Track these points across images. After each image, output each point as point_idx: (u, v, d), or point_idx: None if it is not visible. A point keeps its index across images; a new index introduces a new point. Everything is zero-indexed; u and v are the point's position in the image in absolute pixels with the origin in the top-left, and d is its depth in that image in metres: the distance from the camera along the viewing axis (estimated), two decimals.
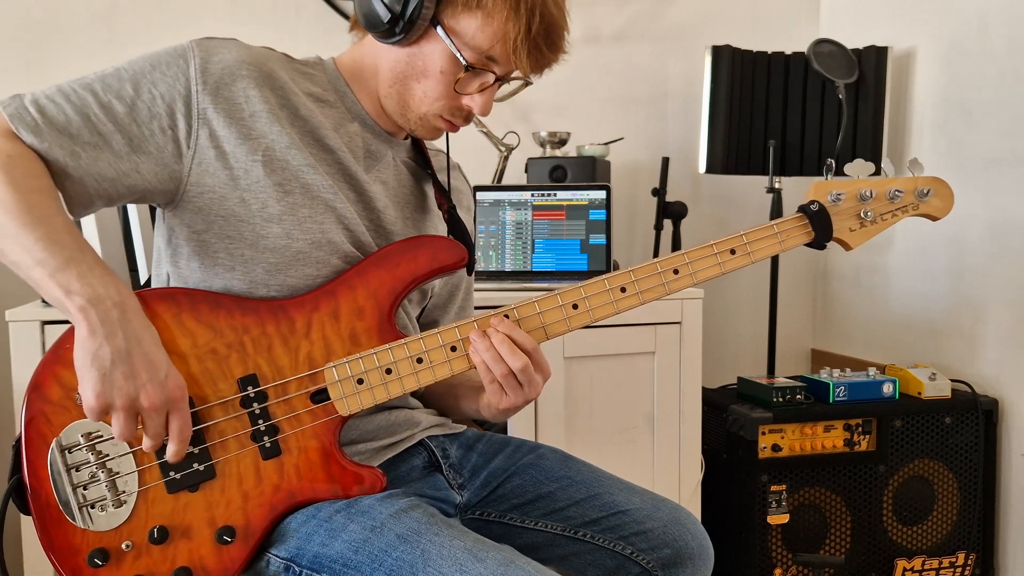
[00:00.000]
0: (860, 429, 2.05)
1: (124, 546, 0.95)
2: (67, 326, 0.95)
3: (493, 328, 1.02)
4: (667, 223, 2.35)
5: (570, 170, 2.15)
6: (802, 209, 1.13)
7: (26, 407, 0.96)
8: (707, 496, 1.98)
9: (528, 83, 1.12)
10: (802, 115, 2.34)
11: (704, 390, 2.04)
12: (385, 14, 1.00)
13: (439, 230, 1.20)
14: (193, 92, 0.98)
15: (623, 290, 1.07)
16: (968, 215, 2.19)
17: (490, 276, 1.99)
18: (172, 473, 0.96)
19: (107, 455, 0.96)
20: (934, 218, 1.17)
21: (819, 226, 1.12)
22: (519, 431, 1.79)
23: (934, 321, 2.31)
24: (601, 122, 2.51)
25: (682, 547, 1.12)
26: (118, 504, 0.95)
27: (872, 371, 2.12)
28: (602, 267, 2.00)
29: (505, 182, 2.27)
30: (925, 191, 1.14)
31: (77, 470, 0.95)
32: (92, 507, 0.95)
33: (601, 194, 1.99)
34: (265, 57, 1.04)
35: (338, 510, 0.97)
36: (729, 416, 2.04)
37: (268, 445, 0.99)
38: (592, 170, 2.15)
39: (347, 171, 1.07)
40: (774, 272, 2.43)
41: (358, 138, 1.10)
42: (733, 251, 1.09)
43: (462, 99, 1.05)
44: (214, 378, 0.99)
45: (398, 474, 1.13)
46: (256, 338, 1.00)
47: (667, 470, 1.91)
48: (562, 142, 2.27)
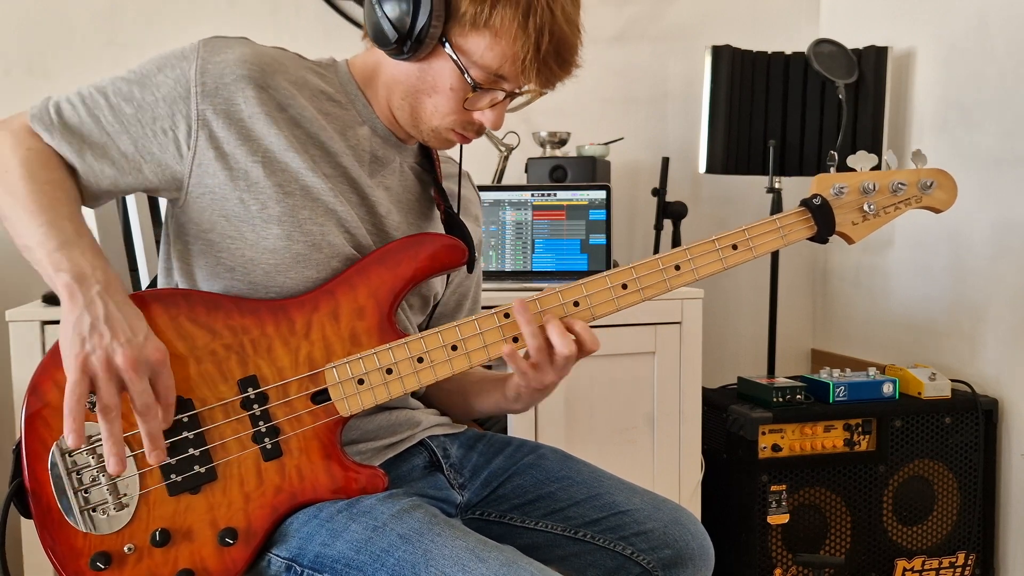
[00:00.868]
0: (860, 429, 2.05)
1: (126, 549, 0.95)
2: None
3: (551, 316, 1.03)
4: (667, 223, 2.35)
5: (570, 170, 2.15)
6: (804, 203, 1.12)
7: (25, 410, 0.96)
8: (707, 496, 1.98)
9: (542, 94, 1.09)
10: (802, 115, 2.34)
11: (704, 390, 2.04)
12: (392, 34, 0.99)
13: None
14: (192, 94, 0.99)
15: (624, 287, 1.06)
16: (968, 215, 2.19)
17: (490, 276, 1.99)
18: (173, 475, 0.96)
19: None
20: (937, 210, 1.15)
21: (821, 220, 1.11)
22: (519, 431, 1.79)
23: (934, 321, 2.31)
24: (601, 122, 2.51)
25: (683, 548, 1.12)
26: (119, 507, 0.95)
27: (872, 371, 2.12)
28: (602, 267, 2.00)
29: (505, 182, 2.27)
30: (929, 183, 1.13)
31: (78, 473, 0.95)
32: (94, 510, 0.95)
33: (601, 194, 1.99)
34: (271, 57, 1.04)
35: (340, 510, 0.97)
36: (729, 416, 2.04)
37: (269, 446, 0.99)
38: (592, 170, 2.15)
39: (349, 175, 1.07)
40: (774, 272, 2.43)
41: (366, 142, 1.10)
42: (735, 246, 1.08)
43: (473, 114, 1.05)
44: (214, 380, 0.98)
45: (399, 474, 1.12)
46: (256, 339, 1.00)
47: (667, 470, 1.91)
48: (562, 142, 2.28)
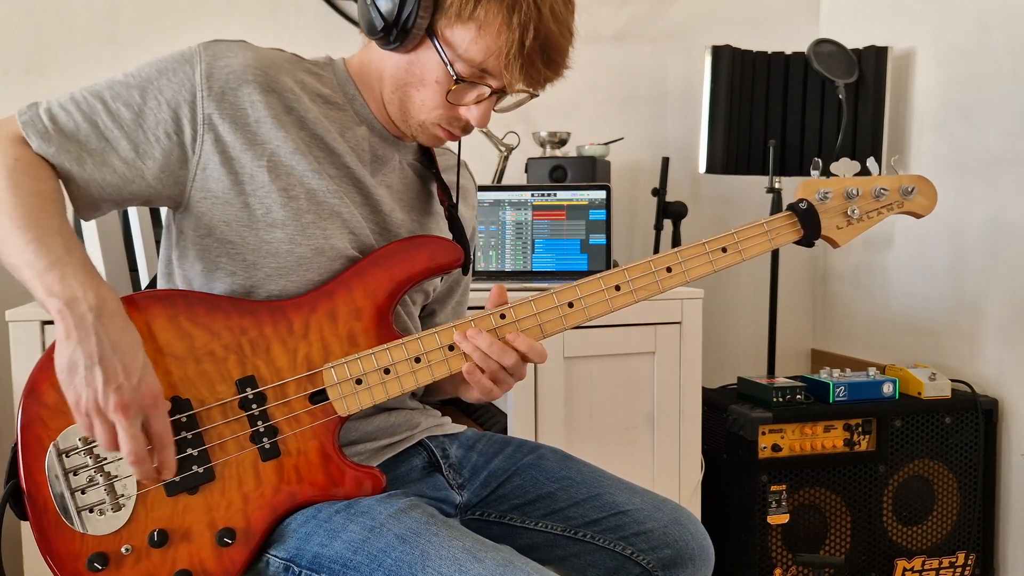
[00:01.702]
0: (860, 429, 2.05)
1: (124, 550, 0.94)
2: None
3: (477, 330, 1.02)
4: (667, 223, 2.35)
5: (570, 170, 2.15)
6: (791, 207, 1.14)
7: (22, 412, 0.95)
8: (707, 496, 1.98)
9: (534, 95, 1.08)
10: (802, 115, 2.34)
11: (704, 390, 2.04)
12: (380, 22, 0.99)
13: (445, 231, 1.20)
14: (198, 98, 0.98)
15: (617, 288, 1.08)
16: (968, 215, 2.19)
17: (490, 276, 1.99)
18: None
19: (105, 459, 0.95)
20: (918, 215, 1.18)
21: (808, 224, 1.13)
22: (519, 431, 1.79)
23: (934, 321, 2.31)
24: (601, 122, 2.51)
25: (682, 547, 1.12)
26: (117, 508, 0.95)
27: (872, 371, 2.12)
28: (602, 267, 1.99)
29: (505, 182, 2.27)
30: (909, 189, 1.16)
31: (75, 474, 0.95)
32: (91, 511, 0.95)
33: (601, 194, 1.99)
34: (272, 60, 1.04)
35: (338, 511, 0.97)
36: (729, 416, 2.04)
37: (267, 447, 0.99)
38: (592, 170, 2.15)
39: (353, 175, 1.07)
40: (774, 272, 2.43)
41: (365, 142, 1.10)
42: (724, 249, 1.11)
43: (459, 109, 1.05)
44: (212, 380, 0.98)
45: (398, 474, 1.13)
46: (254, 340, 1.00)
47: (667, 470, 1.91)
48: (562, 142, 2.28)
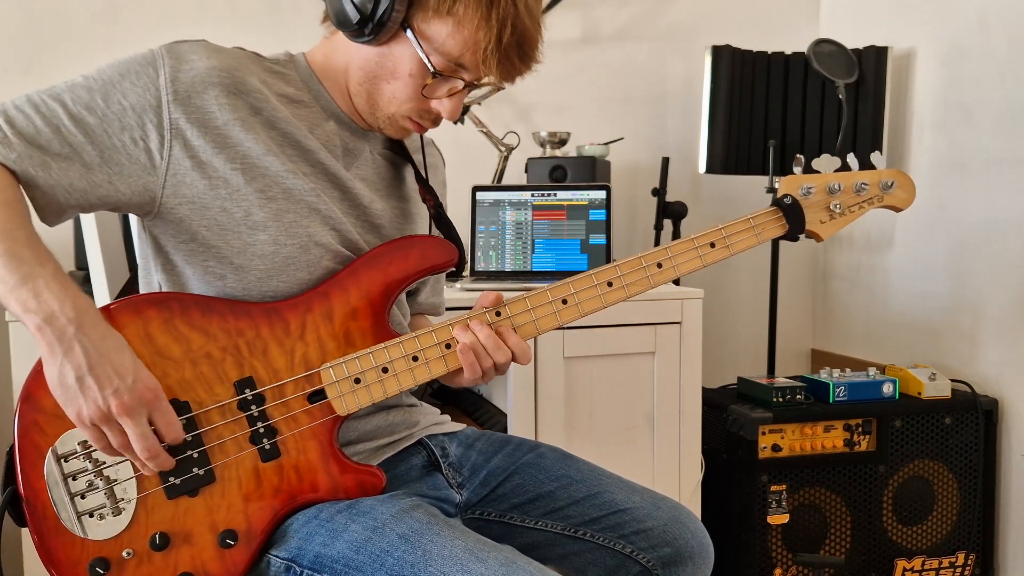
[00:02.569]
0: (860, 429, 2.05)
1: (125, 554, 0.94)
2: None
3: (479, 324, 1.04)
4: (667, 223, 2.35)
5: (570, 170, 2.15)
6: (776, 202, 1.17)
7: (18, 418, 0.94)
8: (707, 496, 1.98)
9: (500, 88, 1.10)
10: (802, 115, 2.34)
11: (704, 390, 2.04)
12: (355, 15, 0.99)
13: (424, 217, 1.21)
14: (164, 103, 0.97)
15: (609, 284, 1.09)
16: (968, 215, 2.19)
17: (490, 276, 1.99)
18: (171, 479, 0.96)
19: (104, 462, 0.95)
20: (898, 209, 1.21)
21: (792, 218, 1.16)
22: (519, 431, 1.79)
23: (934, 321, 2.31)
24: (601, 122, 2.51)
25: (682, 545, 1.12)
26: (117, 512, 0.94)
27: (872, 371, 2.12)
28: None
29: (505, 182, 2.27)
30: (889, 183, 1.19)
31: (74, 479, 0.94)
32: (91, 516, 0.94)
33: (601, 194, 1.99)
34: (236, 60, 1.03)
35: (339, 511, 0.97)
36: (729, 416, 2.04)
37: (267, 447, 0.99)
38: (592, 170, 2.15)
39: (328, 171, 1.07)
40: (774, 272, 2.43)
41: (335, 136, 1.10)
42: (713, 244, 1.13)
43: (430, 102, 1.05)
44: (210, 382, 0.98)
45: (397, 473, 1.13)
46: (251, 341, 1.00)
47: (667, 470, 1.91)
48: (562, 142, 2.27)
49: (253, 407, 0.99)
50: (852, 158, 1.19)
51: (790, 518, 2.01)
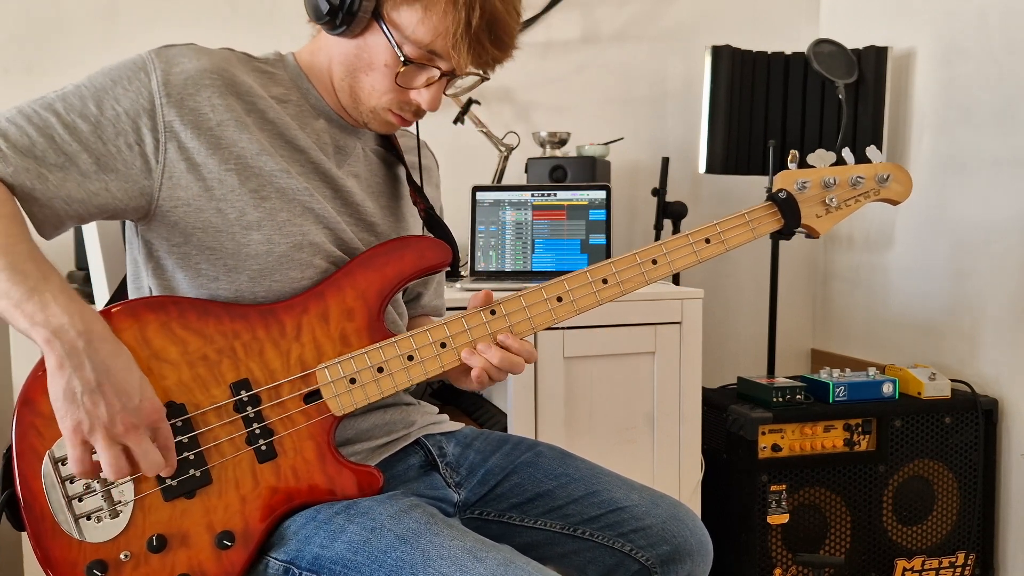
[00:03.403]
0: (860, 429, 2.05)
1: (122, 556, 0.94)
2: None
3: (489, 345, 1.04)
4: (667, 223, 2.35)
5: (570, 170, 2.15)
6: (771, 197, 1.16)
7: (16, 421, 0.94)
8: (707, 496, 1.98)
9: (485, 78, 1.09)
10: (802, 115, 2.34)
11: (704, 390, 2.04)
12: (325, 5, 0.99)
13: (416, 215, 1.21)
14: (157, 106, 0.97)
15: (604, 281, 1.09)
16: (968, 215, 2.19)
17: (490, 276, 1.99)
18: (168, 480, 0.96)
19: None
20: (894, 202, 1.20)
21: (788, 213, 1.15)
22: (519, 430, 1.79)
23: (934, 321, 2.31)
24: (601, 122, 2.51)
25: (681, 543, 1.12)
26: (114, 514, 0.94)
27: (872, 371, 2.12)
28: None
29: (505, 182, 2.27)
30: (885, 176, 1.18)
31: (72, 482, 0.94)
32: (88, 518, 0.94)
33: (601, 194, 1.99)
34: (226, 62, 1.03)
35: (337, 512, 0.97)
36: (729, 416, 2.04)
37: (264, 448, 0.99)
38: (592, 170, 2.15)
39: (320, 169, 1.07)
40: (774, 272, 2.43)
41: (325, 135, 1.10)
42: (708, 240, 1.12)
43: (410, 93, 1.04)
44: (206, 384, 0.98)
45: (394, 473, 1.13)
46: (247, 343, 1.00)
47: (667, 470, 1.91)
48: (562, 142, 2.28)
49: (249, 408, 0.99)
50: (848, 152, 1.18)
51: (790, 518, 2.01)
